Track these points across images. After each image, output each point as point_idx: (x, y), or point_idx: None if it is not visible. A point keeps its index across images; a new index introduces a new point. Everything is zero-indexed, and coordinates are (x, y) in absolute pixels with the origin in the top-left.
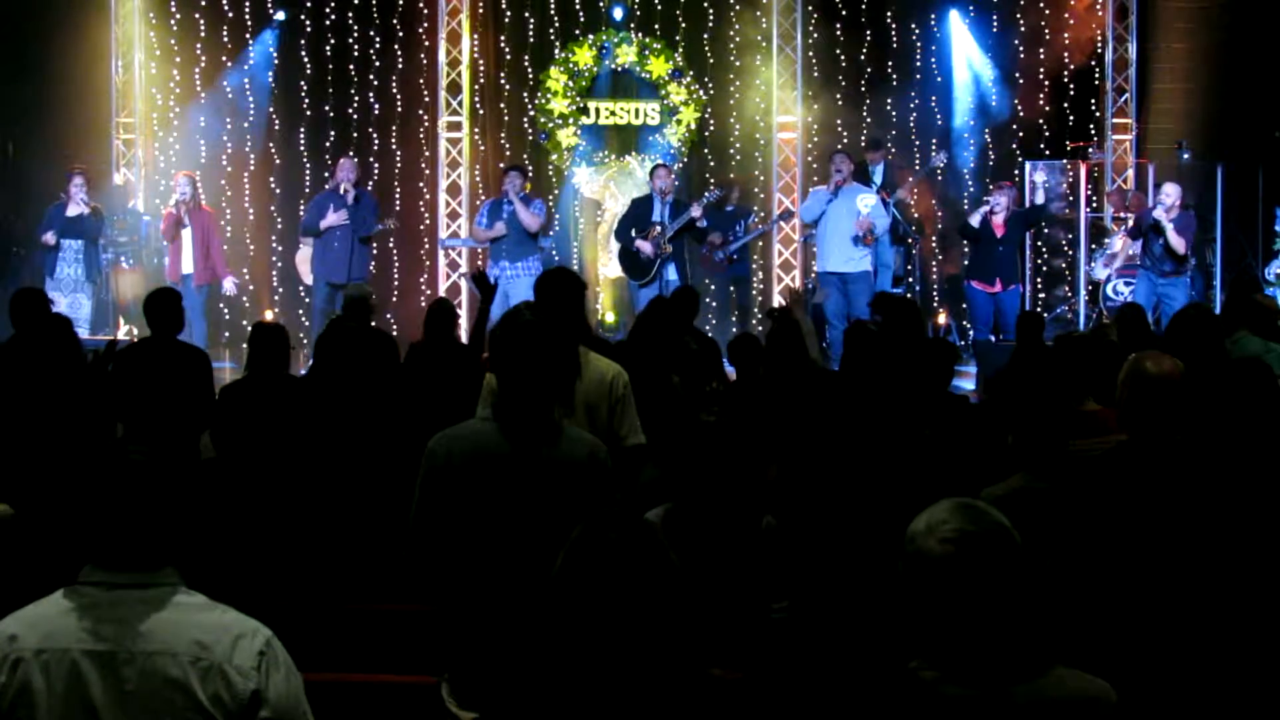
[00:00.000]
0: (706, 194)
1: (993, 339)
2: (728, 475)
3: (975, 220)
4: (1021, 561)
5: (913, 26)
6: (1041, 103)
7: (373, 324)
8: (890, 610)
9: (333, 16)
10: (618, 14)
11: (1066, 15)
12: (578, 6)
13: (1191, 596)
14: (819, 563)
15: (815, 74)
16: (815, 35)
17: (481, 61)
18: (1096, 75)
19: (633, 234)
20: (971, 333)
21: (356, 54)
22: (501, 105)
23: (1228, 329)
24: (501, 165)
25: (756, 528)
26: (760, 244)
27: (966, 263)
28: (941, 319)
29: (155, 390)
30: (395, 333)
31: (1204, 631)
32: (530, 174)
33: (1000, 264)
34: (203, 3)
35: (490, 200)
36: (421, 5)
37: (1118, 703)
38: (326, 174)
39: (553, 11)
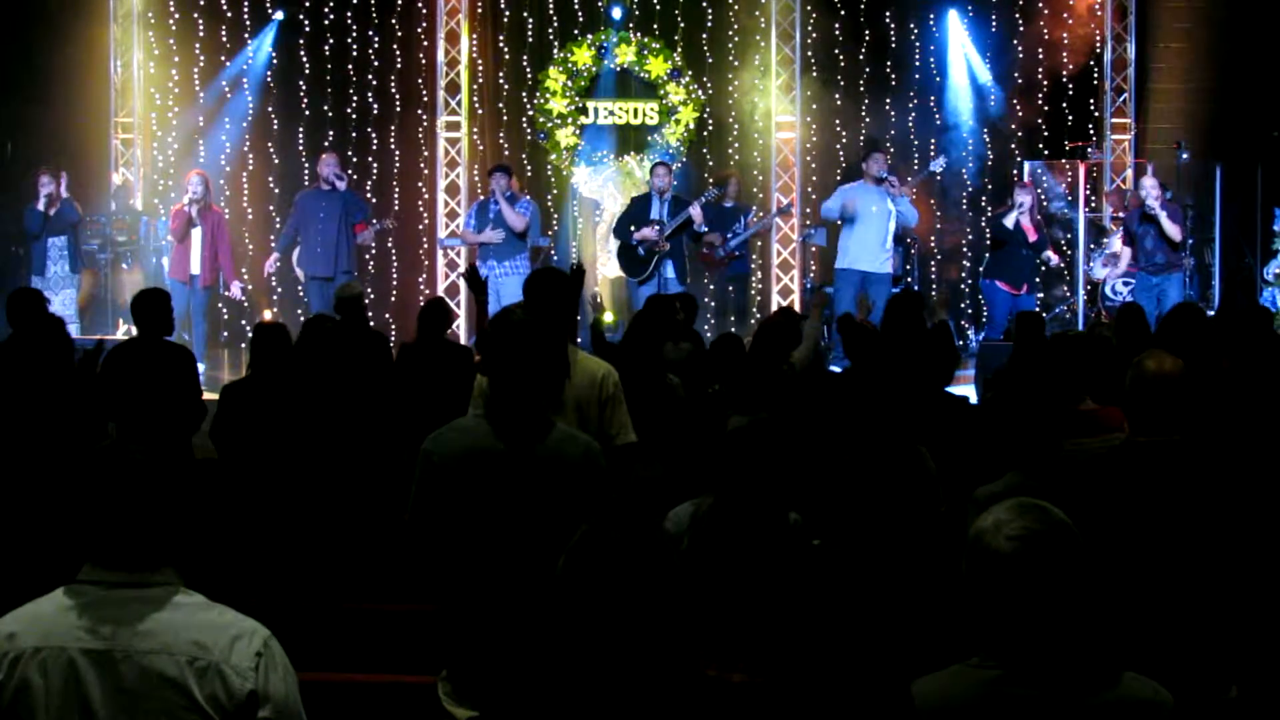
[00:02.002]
0: (705, 193)
1: (1001, 340)
2: (765, 474)
3: (1010, 221)
4: (1086, 560)
5: (911, 26)
6: (1040, 102)
7: (370, 324)
8: (910, 608)
9: (331, 16)
10: (616, 14)
11: (1065, 15)
12: (576, 6)
13: (1189, 594)
14: (838, 558)
15: (814, 73)
16: (814, 35)
17: (480, 61)
18: (1095, 75)
19: (631, 229)
20: (971, 331)
21: (355, 53)
22: (500, 105)
23: None
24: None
25: (785, 525)
26: (759, 243)
27: (985, 262)
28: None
29: (143, 390)
30: (393, 332)
31: (1204, 627)
32: (512, 172)
33: (1027, 268)
34: (201, 2)
35: (477, 202)
36: (420, 5)
37: (1174, 706)
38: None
39: (551, 11)
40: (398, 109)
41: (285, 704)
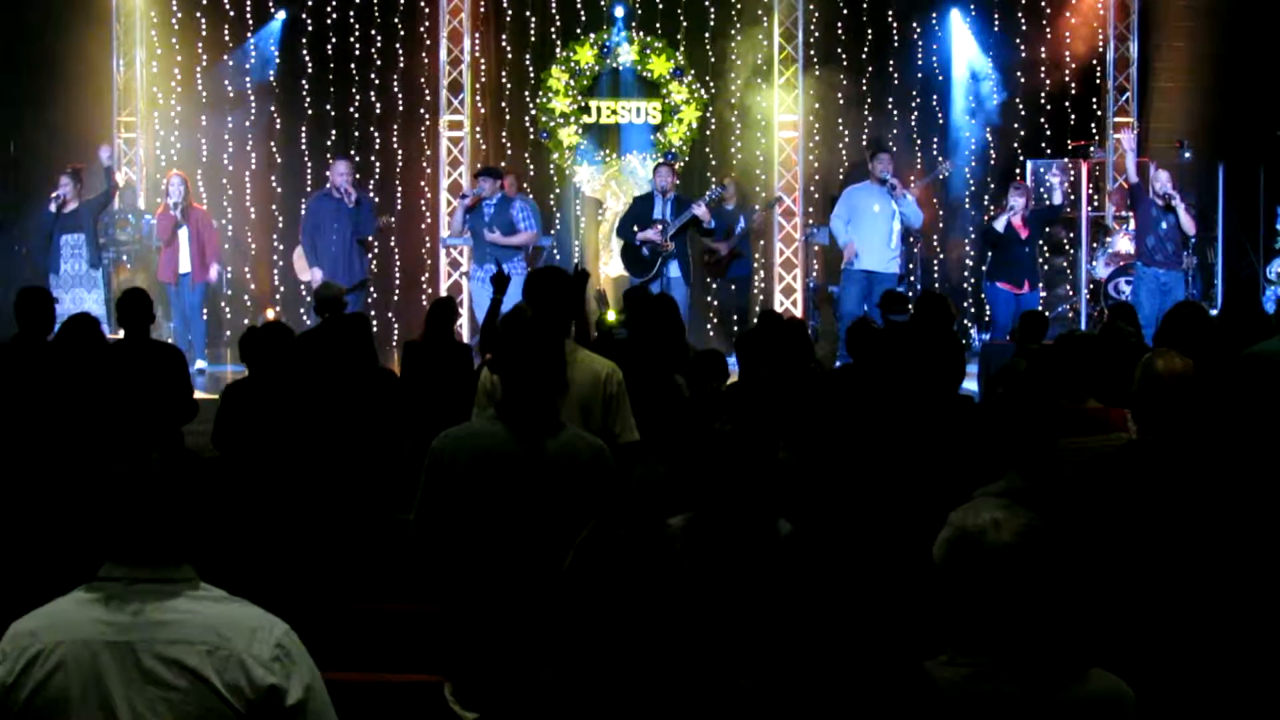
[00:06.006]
0: (709, 192)
1: (1005, 340)
2: (746, 483)
3: (1000, 225)
4: (1075, 557)
5: (914, 25)
6: (1043, 101)
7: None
8: (902, 607)
9: (334, 15)
10: (619, 13)
11: (1068, 14)
12: (579, 5)
13: (1194, 593)
14: (833, 560)
15: (816, 73)
16: (816, 34)
17: (483, 60)
18: (1098, 74)
19: (634, 230)
20: (974, 331)
21: (358, 53)
22: (503, 104)
23: None
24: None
25: (774, 534)
26: (761, 242)
27: (987, 264)
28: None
29: (132, 388)
30: (396, 331)
31: (1208, 626)
32: (501, 174)
33: (1025, 265)
34: (204, 1)
35: (464, 206)
36: (423, 4)
37: (1135, 701)
38: (327, 173)
39: (554, 10)
40: (400, 108)
41: (307, 694)
